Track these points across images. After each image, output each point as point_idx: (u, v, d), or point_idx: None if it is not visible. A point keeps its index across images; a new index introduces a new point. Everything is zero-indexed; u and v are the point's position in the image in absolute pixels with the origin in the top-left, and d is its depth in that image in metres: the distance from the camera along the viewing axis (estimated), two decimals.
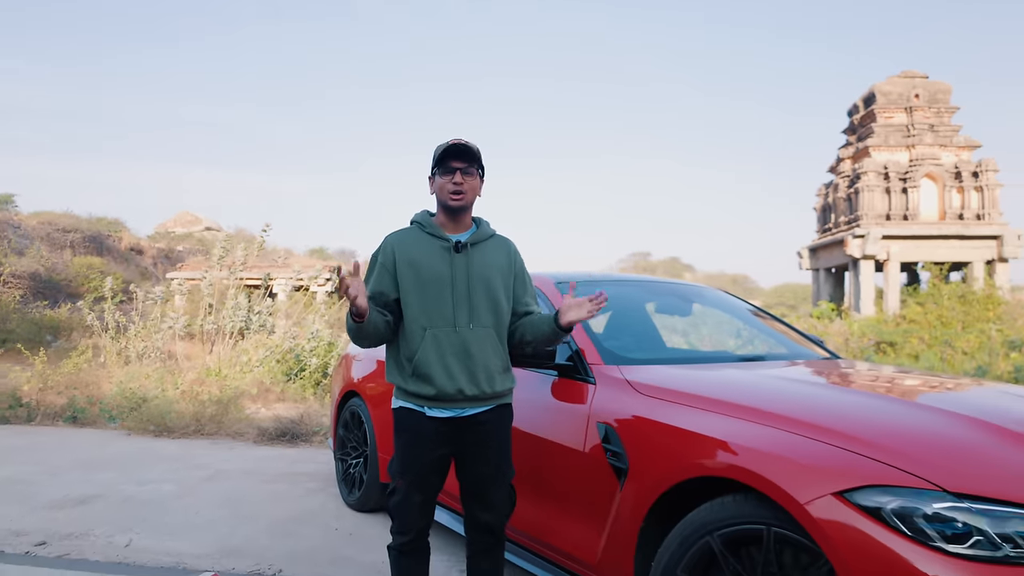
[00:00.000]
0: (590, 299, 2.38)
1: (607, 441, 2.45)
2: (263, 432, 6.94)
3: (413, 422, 2.37)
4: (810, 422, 2.05)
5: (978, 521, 1.68)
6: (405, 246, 2.41)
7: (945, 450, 1.88)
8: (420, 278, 2.36)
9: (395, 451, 2.44)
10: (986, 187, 27.28)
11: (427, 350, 2.33)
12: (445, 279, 2.37)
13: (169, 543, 3.64)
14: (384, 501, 4.10)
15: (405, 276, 2.37)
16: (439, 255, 2.40)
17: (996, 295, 21.91)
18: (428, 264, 2.38)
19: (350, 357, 4.85)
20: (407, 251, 2.40)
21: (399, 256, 2.39)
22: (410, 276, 2.37)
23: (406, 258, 2.39)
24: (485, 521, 2.45)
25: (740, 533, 1.97)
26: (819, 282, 32.95)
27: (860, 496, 1.77)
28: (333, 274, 21.99)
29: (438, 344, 2.33)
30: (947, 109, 28.65)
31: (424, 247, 2.41)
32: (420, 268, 2.37)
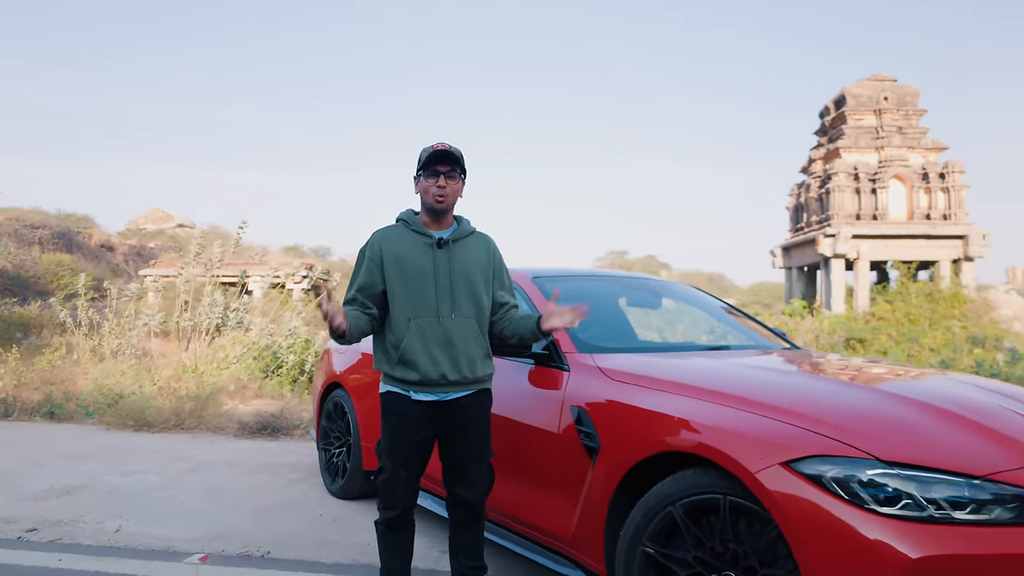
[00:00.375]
0: (572, 309, 2.56)
1: (580, 423, 2.63)
2: (243, 426, 7.04)
3: (400, 405, 2.53)
4: (762, 402, 2.24)
5: (907, 486, 1.88)
6: (391, 242, 2.57)
7: (880, 425, 2.08)
8: (405, 272, 2.53)
9: (383, 433, 2.60)
10: (952, 188, 27.95)
11: (412, 339, 2.50)
12: (428, 273, 2.53)
13: (158, 529, 3.76)
14: (367, 488, 4.27)
15: (391, 270, 2.53)
16: (423, 251, 2.56)
17: (962, 293, 22.48)
18: (412, 259, 2.54)
19: (331, 351, 4.98)
20: (393, 247, 2.56)
21: (385, 252, 2.56)
22: (396, 270, 2.53)
23: (392, 253, 2.55)
24: (466, 498, 2.62)
25: (700, 502, 2.16)
26: (792, 280, 33.51)
27: (804, 465, 1.97)
28: (310, 272, 22.00)
29: (422, 333, 2.50)
30: (915, 112, 29.30)
31: (409, 243, 2.57)
32: (405, 263, 2.54)
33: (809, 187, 31.41)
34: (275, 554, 3.40)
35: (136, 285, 13.85)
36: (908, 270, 23.53)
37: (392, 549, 2.61)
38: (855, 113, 29.54)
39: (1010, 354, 12.24)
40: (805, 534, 1.91)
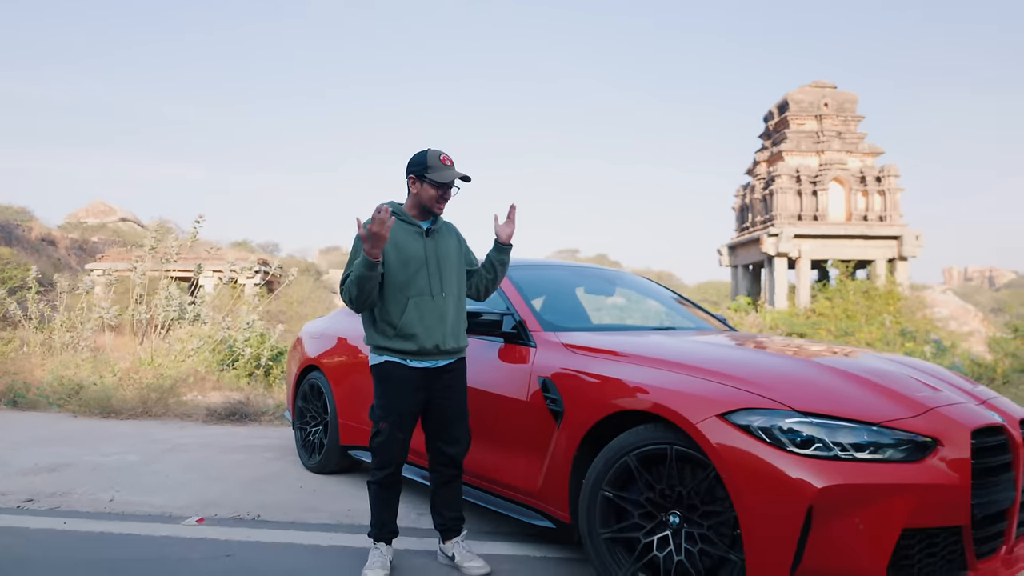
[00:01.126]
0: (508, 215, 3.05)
1: (546, 391, 3.01)
2: (212, 412, 7.23)
3: (398, 372, 2.88)
4: (702, 368, 2.66)
5: (818, 432, 2.31)
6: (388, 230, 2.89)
7: (798, 384, 2.51)
8: (401, 256, 2.87)
9: (377, 399, 2.93)
10: (888, 191, 29.27)
11: (411, 314, 2.85)
12: (421, 258, 2.90)
13: (150, 498, 4.01)
14: (343, 463, 4.59)
15: (390, 254, 2.86)
16: (414, 238, 2.92)
17: (896, 291, 23.64)
18: (407, 245, 2.89)
19: (303, 338, 5.28)
20: (391, 234, 2.89)
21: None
22: (393, 254, 2.87)
23: (391, 240, 2.88)
24: (451, 454, 2.98)
25: (650, 452, 2.55)
26: (737, 278, 34.56)
27: (736, 417, 2.38)
28: (264, 268, 21.93)
29: (420, 310, 2.86)
30: (853, 118, 30.56)
31: (402, 231, 2.92)
32: (401, 248, 2.88)
33: (754, 188, 32.48)
34: (265, 517, 3.70)
35: (91, 278, 13.76)
36: (846, 269, 24.63)
37: (384, 504, 2.95)
38: (797, 118, 30.67)
39: (936, 346, 13.09)
40: (737, 473, 2.32)
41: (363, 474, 4.73)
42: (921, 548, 2.29)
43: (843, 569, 2.21)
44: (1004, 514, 2.47)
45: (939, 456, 2.30)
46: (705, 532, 2.45)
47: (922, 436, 2.32)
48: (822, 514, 2.20)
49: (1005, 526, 2.48)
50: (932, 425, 2.36)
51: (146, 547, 3.20)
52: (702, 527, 2.46)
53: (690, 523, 2.49)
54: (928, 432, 2.33)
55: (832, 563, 2.21)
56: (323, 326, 5.10)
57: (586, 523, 2.67)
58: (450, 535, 3.03)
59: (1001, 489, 2.44)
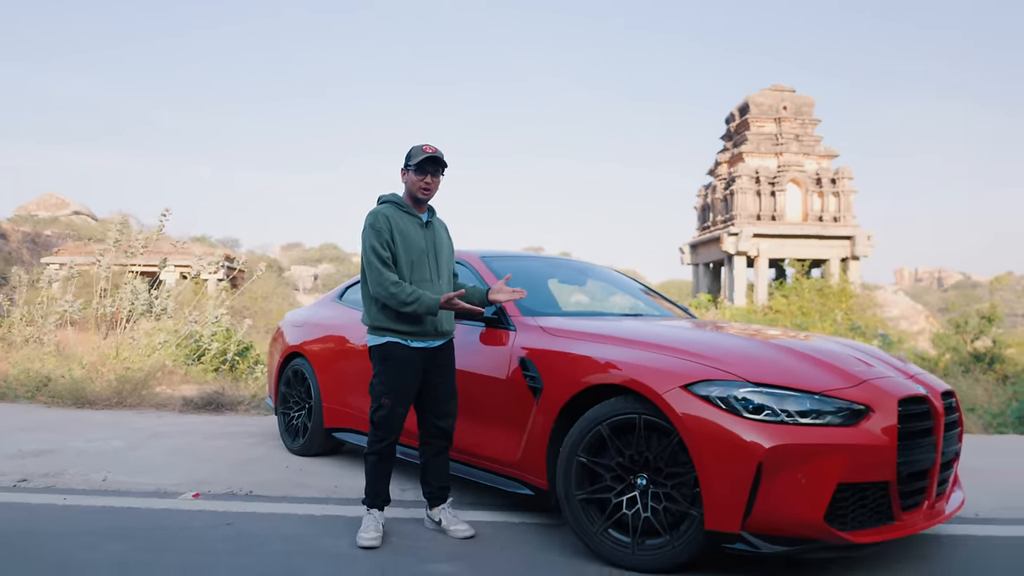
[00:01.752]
0: (513, 290, 3.32)
1: (525, 369, 3.29)
2: (188, 402, 7.36)
3: (401, 351, 3.14)
4: (667, 346, 2.97)
5: (767, 400, 2.63)
6: (393, 219, 3.16)
7: (751, 359, 2.84)
8: (407, 246, 3.14)
9: (378, 376, 3.18)
10: (842, 192, 30.22)
11: None
12: (422, 247, 3.18)
13: (142, 478, 4.19)
14: (327, 445, 4.81)
15: (398, 243, 3.13)
16: (415, 229, 3.19)
17: (848, 289, 24.44)
18: (411, 236, 3.17)
19: (284, 329, 5.49)
20: (396, 223, 3.16)
21: (393, 227, 3.14)
22: (401, 243, 3.13)
23: (398, 229, 3.15)
24: (443, 427, 3.26)
25: (621, 421, 2.85)
26: (698, 276, 35.29)
27: (697, 388, 2.69)
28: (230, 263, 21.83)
29: (429, 293, 3.12)
30: (810, 121, 31.47)
31: (405, 222, 3.19)
32: (407, 238, 3.15)
33: (715, 188, 33.23)
34: (257, 493, 3.91)
35: (53, 272, 13.63)
36: (802, 267, 25.39)
37: (381, 473, 3.20)
38: (757, 120, 31.48)
39: (883, 339, 13.71)
40: (698, 436, 2.63)
41: (346, 455, 4.96)
42: (854, 500, 2.63)
43: (787, 517, 2.54)
44: (926, 473, 2.83)
45: (871, 421, 2.65)
46: (669, 491, 2.76)
47: (857, 404, 2.66)
48: (770, 470, 2.53)
49: (927, 484, 2.84)
50: (865, 394, 2.71)
51: (148, 518, 3.40)
52: (666, 487, 2.77)
53: (655, 484, 2.80)
54: (862, 400, 2.68)
55: (778, 512, 2.54)
56: (305, 315, 5.31)
57: (563, 487, 2.97)
58: (437, 503, 3.30)
59: (923, 451, 2.79)
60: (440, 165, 3.19)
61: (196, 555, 2.88)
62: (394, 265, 3.14)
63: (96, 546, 2.95)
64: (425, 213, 3.29)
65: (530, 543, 3.13)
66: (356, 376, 4.46)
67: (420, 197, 3.21)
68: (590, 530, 2.88)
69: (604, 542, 2.84)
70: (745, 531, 2.57)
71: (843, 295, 23.53)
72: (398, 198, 3.27)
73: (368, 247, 3.14)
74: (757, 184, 30.77)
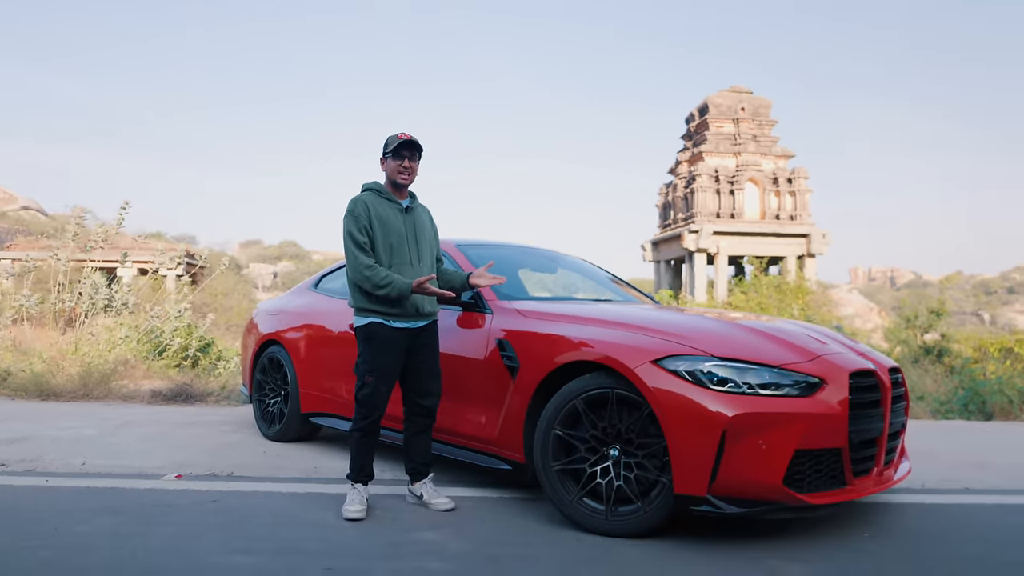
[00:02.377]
0: (493, 276, 3.47)
1: (503, 349, 3.45)
2: (157, 394, 7.36)
3: (384, 332, 3.26)
4: (637, 325, 3.15)
5: (731, 373, 2.83)
6: (373, 206, 3.29)
7: (715, 337, 3.04)
8: (386, 231, 3.27)
9: (362, 356, 3.29)
10: (798, 192, 30.97)
11: None
12: (402, 232, 3.30)
13: (121, 462, 4.24)
14: (303, 430, 4.91)
15: (376, 228, 3.26)
16: (395, 215, 3.32)
17: (804, 286, 25.09)
18: (390, 221, 3.29)
19: (258, 317, 5.57)
20: (376, 209, 3.28)
21: (372, 213, 3.27)
22: (380, 229, 3.26)
23: (376, 215, 3.27)
24: (426, 405, 3.39)
25: (595, 396, 3.03)
26: (660, 273, 35.82)
27: (666, 362, 2.88)
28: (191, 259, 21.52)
29: (402, 276, 3.25)
30: (767, 122, 32.19)
31: (385, 208, 3.31)
32: (386, 223, 3.28)
33: (676, 187, 33.77)
34: (239, 474, 4.00)
35: (7, 266, 13.35)
36: (760, 264, 26.00)
37: (366, 449, 3.32)
38: (716, 121, 32.09)
39: (837, 330, 14.15)
40: (667, 407, 2.81)
41: (322, 440, 5.06)
42: (810, 465, 2.84)
43: (749, 481, 2.74)
44: (875, 441, 3.06)
45: (825, 392, 2.86)
46: (640, 461, 2.94)
47: (812, 377, 2.88)
48: (733, 438, 2.73)
49: (876, 451, 3.07)
50: (820, 368, 2.92)
51: (133, 496, 3.47)
52: (637, 457, 2.95)
53: (627, 454, 2.98)
54: (816, 374, 2.89)
55: (741, 476, 2.73)
56: (281, 304, 5.39)
57: (540, 459, 3.13)
58: (419, 478, 3.44)
59: (872, 421, 3.03)
60: (416, 149, 3.33)
61: (186, 527, 2.98)
62: (373, 249, 3.27)
63: (86, 521, 3.03)
64: (406, 199, 3.42)
65: (509, 513, 3.29)
66: (333, 362, 4.57)
67: (400, 182, 3.34)
68: (566, 499, 3.05)
69: (579, 510, 3.02)
70: (711, 494, 2.76)
71: (800, 291, 24.17)
72: (379, 186, 3.40)
73: (346, 232, 3.28)
74: (716, 183, 31.39)
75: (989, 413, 7.47)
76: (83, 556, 2.59)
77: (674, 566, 2.62)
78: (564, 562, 2.64)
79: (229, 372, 10.37)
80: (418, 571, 2.52)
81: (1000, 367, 10.15)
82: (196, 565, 2.53)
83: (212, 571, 2.48)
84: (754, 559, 2.70)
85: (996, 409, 7.44)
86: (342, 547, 2.77)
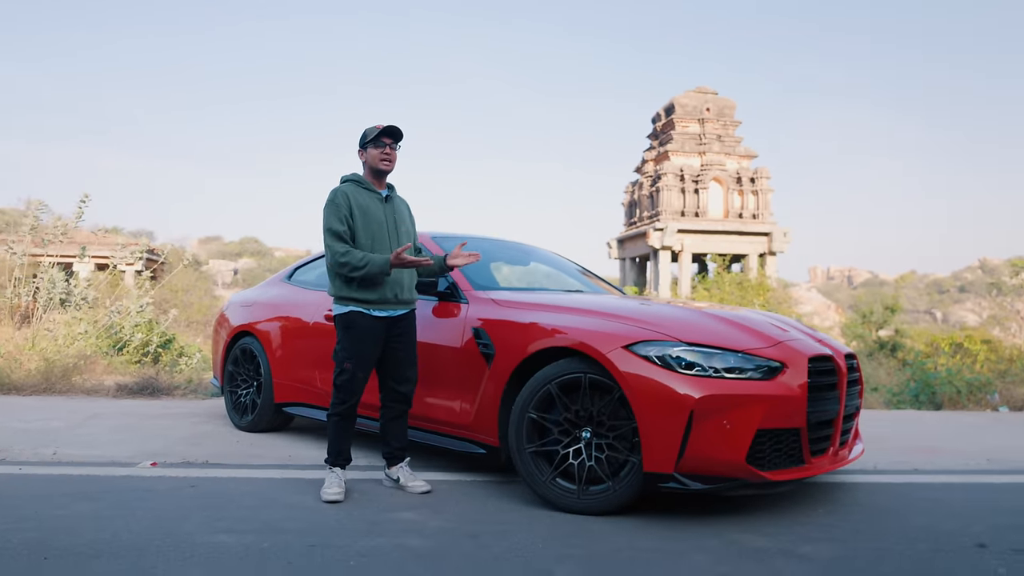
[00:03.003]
0: (467, 254, 3.53)
1: (478, 337, 3.55)
2: (122, 387, 7.30)
3: (362, 319, 3.34)
4: (608, 313, 3.28)
5: (698, 357, 2.97)
6: (353, 196, 3.36)
7: (683, 323, 3.18)
8: (367, 219, 3.35)
9: (341, 343, 3.37)
10: (760, 191, 31.57)
11: None
12: (382, 221, 3.39)
13: (93, 451, 4.24)
14: (276, 421, 4.95)
15: (357, 218, 3.33)
16: (375, 204, 3.40)
17: (765, 283, 25.60)
18: (371, 210, 3.37)
19: (230, 308, 5.59)
20: (356, 199, 3.36)
21: (352, 203, 3.34)
22: (360, 217, 3.34)
23: (357, 204, 3.35)
24: (403, 392, 3.48)
25: (568, 380, 3.15)
26: (625, 270, 36.21)
27: (637, 348, 3.01)
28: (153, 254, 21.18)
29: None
30: (732, 122, 32.74)
31: (365, 197, 3.39)
32: (366, 212, 3.36)
33: (642, 185, 34.17)
34: (213, 462, 4.04)
35: None
36: (723, 262, 26.44)
37: (343, 435, 3.40)
38: (682, 121, 32.54)
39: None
40: (638, 391, 2.95)
41: (294, 431, 5.11)
42: (771, 444, 3.00)
43: (714, 459, 2.88)
44: (831, 423, 3.24)
45: (785, 376, 3.02)
46: (611, 442, 3.07)
47: (773, 361, 3.03)
48: (699, 418, 2.87)
49: (832, 432, 3.25)
50: (781, 353, 3.08)
51: (110, 483, 3.50)
52: (608, 438, 3.08)
53: (599, 436, 3.11)
54: (778, 358, 3.05)
55: (707, 454, 2.88)
56: (254, 296, 5.42)
57: (515, 441, 3.24)
58: (395, 462, 3.52)
59: (829, 403, 3.20)
60: (397, 136, 3.43)
61: (167, 510, 3.02)
62: (354, 239, 3.34)
63: (65, 506, 3.05)
64: (385, 189, 3.50)
65: (484, 495, 3.39)
66: (307, 352, 4.62)
67: (381, 169, 3.42)
68: (540, 479, 3.17)
69: (553, 489, 3.14)
70: (678, 472, 2.90)
71: (761, 288, 24.65)
72: (359, 177, 3.48)
73: (326, 222, 3.36)
74: (682, 182, 31.84)
75: (939, 403, 7.79)
76: (67, 537, 2.63)
77: (643, 539, 2.75)
78: (540, 537, 2.76)
79: (192, 368, 10.30)
80: (399, 547, 2.61)
81: (950, 361, 10.56)
82: (181, 543, 2.58)
83: (198, 549, 2.54)
84: (717, 533, 2.84)
85: (945, 400, 7.77)
86: (323, 526, 2.84)
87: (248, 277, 68.01)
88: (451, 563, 2.47)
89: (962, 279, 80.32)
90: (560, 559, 2.52)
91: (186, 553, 2.49)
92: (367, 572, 2.36)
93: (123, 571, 2.31)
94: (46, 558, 2.42)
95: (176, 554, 2.48)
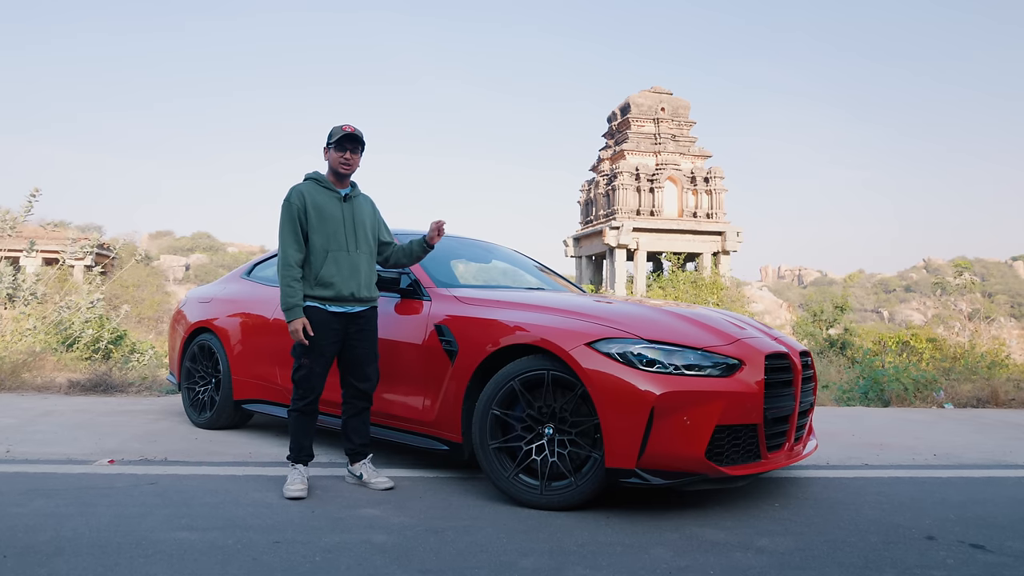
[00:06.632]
0: (437, 224, 3.62)
1: (441, 334, 3.57)
2: (74, 384, 7.12)
3: (319, 315, 3.34)
4: (571, 311, 3.34)
5: (658, 355, 3.04)
6: (309, 195, 3.38)
7: (644, 321, 3.25)
8: (322, 217, 3.35)
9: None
10: (714, 191, 32.11)
11: (330, 266, 3.34)
12: (339, 219, 3.39)
13: (48, 449, 4.14)
14: (235, 417, 4.90)
15: (312, 216, 3.35)
16: (333, 203, 3.41)
17: (719, 281, 26.08)
18: (327, 208, 3.38)
19: (187, 305, 5.51)
20: (312, 199, 3.38)
21: (308, 202, 3.35)
22: (315, 216, 3.35)
23: (312, 203, 3.37)
24: (363, 389, 3.48)
25: (531, 377, 3.20)
26: (581, 268, 36.48)
27: (599, 345, 3.07)
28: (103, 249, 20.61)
29: (337, 262, 3.35)
30: (686, 123, 33.22)
31: (322, 197, 3.40)
32: (322, 211, 3.36)
33: (598, 184, 34.45)
34: (172, 459, 3.98)
35: None
36: (678, 260, 26.85)
37: (304, 430, 3.39)
38: (638, 120, 32.90)
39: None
40: (600, 387, 3.01)
41: (253, 428, 5.06)
42: (729, 440, 3.09)
43: (675, 454, 2.96)
44: (787, 419, 3.35)
45: (743, 373, 3.12)
46: (573, 438, 3.13)
47: (731, 358, 3.13)
48: (660, 414, 2.94)
49: (787, 428, 3.36)
50: (739, 351, 3.18)
51: (67, 480, 3.43)
52: (570, 434, 3.14)
53: (561, 432, 3.16)
54: (736, 356, 3.14)
55: (667, 450, 2.96)
56: (213, 291, 5.34)
57: (478, 438, 3.28)
58: (358, 458, 3.53)
59: (785, 400, 3.31)
60: (359, 143, 3.45)
61: (127, 507, 2.98)
62: (308, 237, 3.37)
63: (22, 504, 2.99)
64: (346, 188, 3.51)
65: (447, 491, 3.42)
66: (266, 349, 4.58)
67: (341, 172, 3.45)
68: (503, 475, 3.21)
69: (516, 485, 3.18)
70: (639, 468, 2.97)
71: (715, 287, 25.10)
72: (319, 175, 3.49)
73: (280, 221, 3.40)
74: (637, 181, 32.21)
75: (887, 400, 8.07)
76: (26, 535, 2.58)
77: (605, 533, 2.82)
78: (503, 531, 2.80)
79: (145, 364, 10.08)
80: (364, 543, 2.63)
81: (897, 359, 10.93)
82: (143, 541, 2.55)
83: (161, 546, 2.51)
84: (677, 527, 2.92)
85: (893, 396, 8.05)
86: (287, 523, 2.84)
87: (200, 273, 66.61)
88: (416, 558, 2.49)
89: (908, 279, 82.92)
90: (524, 553, 2.57)
91: (148, 551, 2.46)
92: (333, 568, 2.37)
93: (85, 569, 2.28)
94: (5, 556, 2.37)
95: (138, 551, 2.45)
